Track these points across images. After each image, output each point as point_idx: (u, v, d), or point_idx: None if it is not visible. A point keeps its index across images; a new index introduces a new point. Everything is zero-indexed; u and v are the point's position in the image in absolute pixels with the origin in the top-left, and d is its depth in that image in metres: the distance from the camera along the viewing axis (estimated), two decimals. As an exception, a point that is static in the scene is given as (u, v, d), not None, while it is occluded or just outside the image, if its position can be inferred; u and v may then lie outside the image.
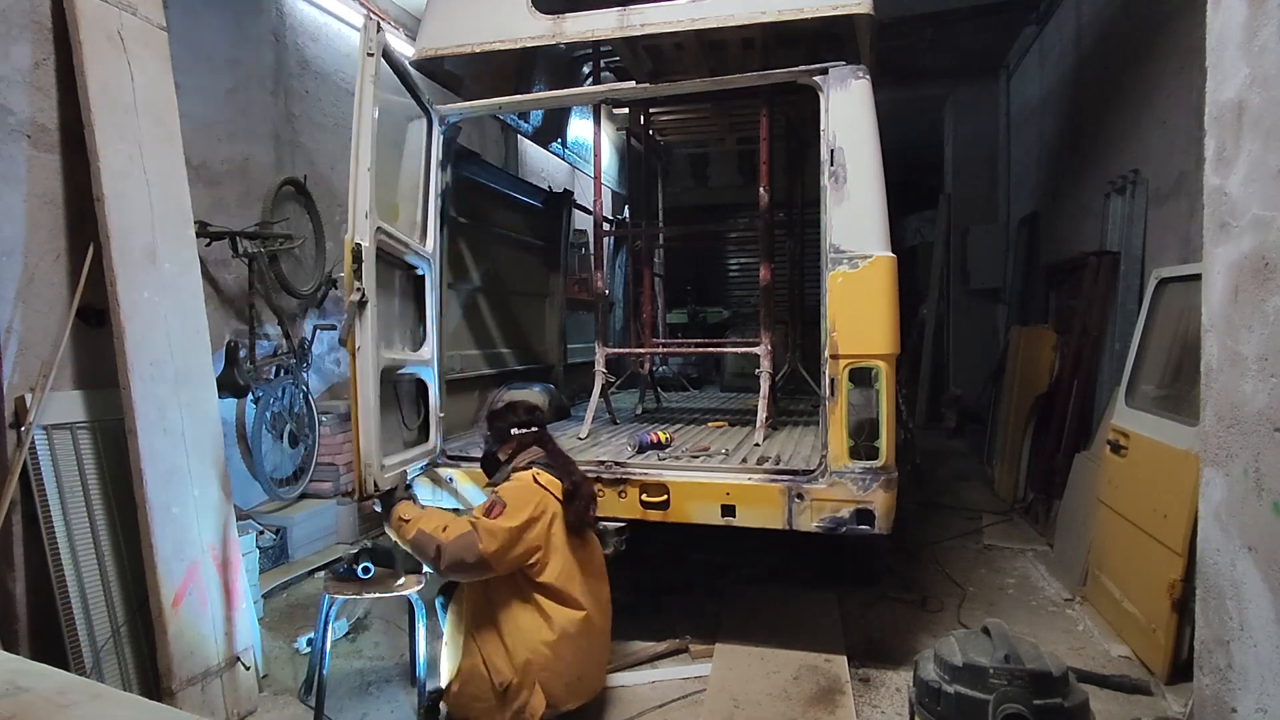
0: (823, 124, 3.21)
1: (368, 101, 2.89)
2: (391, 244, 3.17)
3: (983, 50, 8.36)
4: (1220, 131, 2.08)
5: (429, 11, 3.92)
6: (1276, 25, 1.84)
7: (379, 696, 3.16)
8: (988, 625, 2.29)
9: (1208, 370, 2.14)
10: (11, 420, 2.68)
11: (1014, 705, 2.00)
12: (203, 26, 4.32)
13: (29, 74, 2.80)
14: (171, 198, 3.11)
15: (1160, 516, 3.22)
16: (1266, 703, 1.85)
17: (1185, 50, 3.94)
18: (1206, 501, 2.13)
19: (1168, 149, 4.33)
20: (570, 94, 4.72)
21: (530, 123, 5.67)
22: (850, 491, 3.10)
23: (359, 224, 2.83)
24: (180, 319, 3.07)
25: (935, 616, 3.86)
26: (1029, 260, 7.49)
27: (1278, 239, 1.83)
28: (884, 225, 3.14)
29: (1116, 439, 3.77)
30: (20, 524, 2.70)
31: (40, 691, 1.35)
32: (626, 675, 3.29)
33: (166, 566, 2.82)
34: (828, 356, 3.14)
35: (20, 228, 2.75)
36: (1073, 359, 4.98)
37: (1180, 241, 4.12)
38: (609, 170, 6.97)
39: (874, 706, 3.04)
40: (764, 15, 3.37)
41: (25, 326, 2.75)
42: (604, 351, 4.55)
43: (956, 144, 9.50)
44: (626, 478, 3.39)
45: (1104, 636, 3.55)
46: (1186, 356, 3.42)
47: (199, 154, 4.21)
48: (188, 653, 2.85)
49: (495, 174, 5.49)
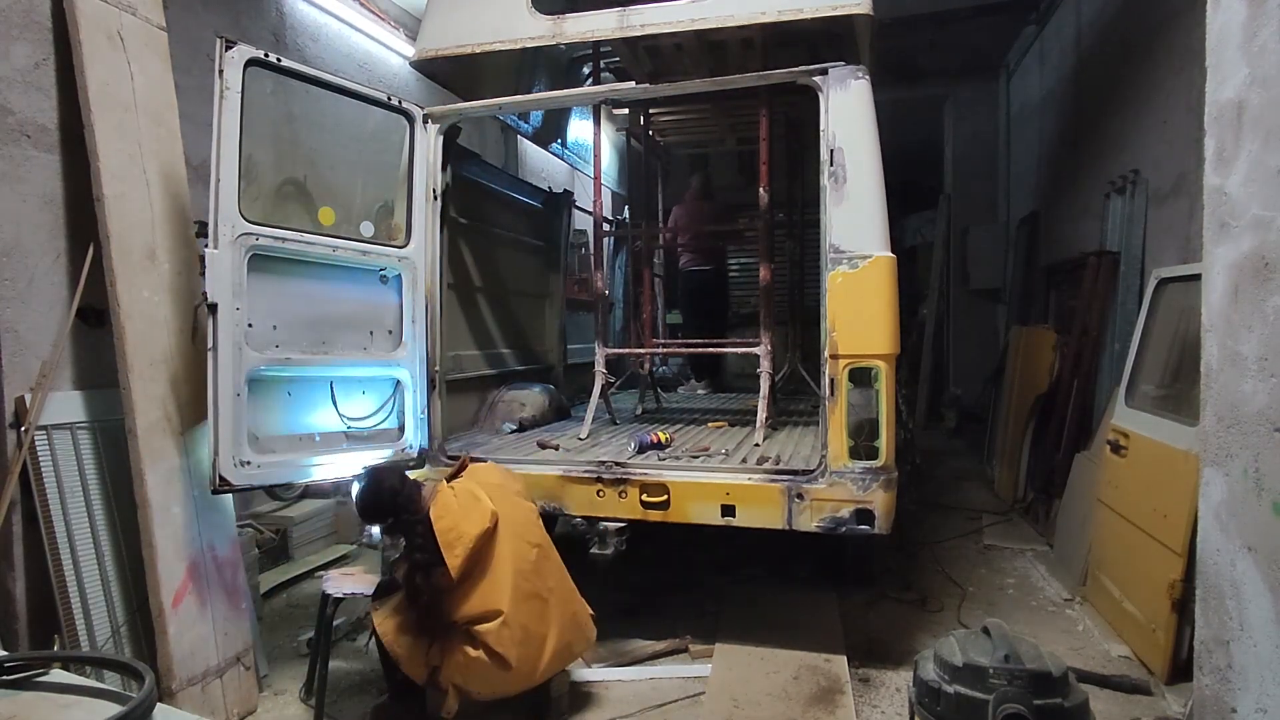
0: (822, 124, 3.21)
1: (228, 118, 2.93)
2: (295, 247, 3.20)
3: (983, 50, 8.37)
4: (1220, 131, 2.08)
5: (429, 12, 3.92)
6: (1276, 25, 1.84)
7: (380, 696, 3.16)
8: (988, 625, 2.29)
9: (1208, 370, 2.14)
10: (11, 420, 2.68)
11: (1014, 705, 2.00)
12: (202, 26, 4.32)
13: (29, 74, 2.80)
14: (171, 198, 3.12)
15: (1160, 516, 3.22)
16: (1266, 703, 1.85)
17: (1185, 50, 3.94)
18: (1206, 501, 2.13)
19: (1168, 149, 4.33)
20: (570, 94, 4.73)
21: (530, 123, 5.67)
22: (850, 491, 3.10)
23: (219, 230, 2.90)
24: (180, 319, 3.07)
25: (935, 616, 3.86)
26: (1029, 260, 7.49)
27: (1278, 239, 1.83)
28: (884, 225, 3.14)
29: (1116, 439, 3.77)
30: (20, 524, 2.70)
31: (40, 691, 1.35)
32: (626, 674, 3.29)
33: (166, 566, 2.83)
34: (827, 356, 3.15)
35: (20, 228, 2.75)
36: (1073, 359, 4.98)
37: (1180, 241, 4.12)
38: (609, 170, 6.98)
39: (874, 706, 3.04)
40: (764, 16, 3.37)
41: (25, 326, 2.75)
42: (604, 352, 4.55)
43: (956, 144, 9.50)
44: (626, 478, 3.39)
45: (1104, 636, 3.55)
46: (1186, 356, 3.42)
47: (199, 154, 4.20)
48: (188, 653, 2.85)
49: (495, 174, 5.49)
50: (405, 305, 3.68)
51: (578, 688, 3.14)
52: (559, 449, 3.90)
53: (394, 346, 3.67)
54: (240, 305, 2.98)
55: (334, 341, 3.42)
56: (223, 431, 2.90)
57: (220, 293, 2.90)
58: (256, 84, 3.06)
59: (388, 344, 3.65)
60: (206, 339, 2.90)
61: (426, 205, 3.74)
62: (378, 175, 3.72)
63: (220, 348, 2.89)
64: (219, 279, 2.90)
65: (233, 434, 2.93)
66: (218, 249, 2.90)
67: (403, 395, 3.69)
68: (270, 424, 3.19)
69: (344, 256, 3.40)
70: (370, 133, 3.64)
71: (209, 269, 2.91)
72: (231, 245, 2.94)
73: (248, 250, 3.00)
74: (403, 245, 3.66)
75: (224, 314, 2.90)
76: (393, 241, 3.65)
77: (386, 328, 3.65)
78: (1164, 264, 4.08)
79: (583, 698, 3.10)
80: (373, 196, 3.68)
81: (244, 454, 2.99)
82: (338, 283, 3.43)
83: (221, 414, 2.89)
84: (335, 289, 3.43)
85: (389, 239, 3.65)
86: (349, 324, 3.50)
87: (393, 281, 3.66)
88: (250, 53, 3.00)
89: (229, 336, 2.92)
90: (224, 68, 2.91)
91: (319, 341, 3.37)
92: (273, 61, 3.11)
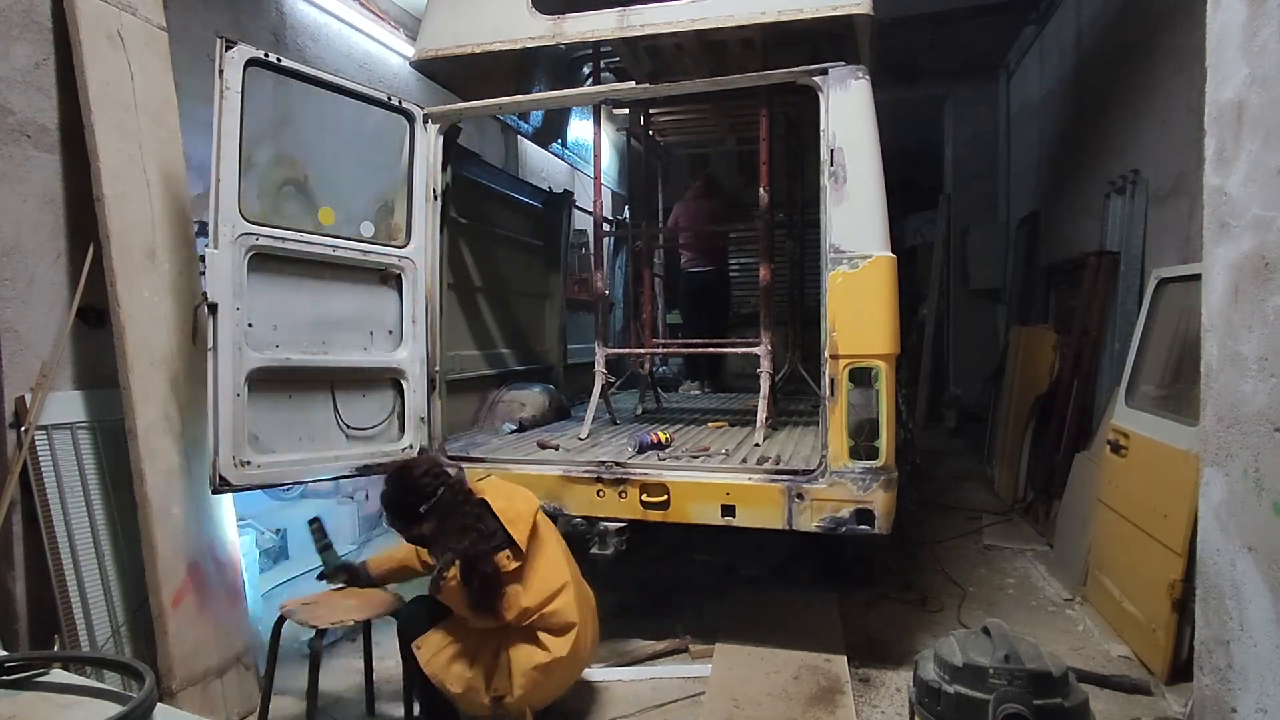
0: (822, 124, 3.21)
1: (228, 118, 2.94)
2: (295, 247, 3.20)
3: (983, 50, 8.36)
4: (1220, 131, 2.08)
5: (429, 12, 3.92)
6: (1276, 25, 1.84)
7: (380, 696, 3.16)
8: (988, 625, 2.29)
9: (1208, 370, 2.14)
10: (11, 420, 2.68)
11: (1014, 705, 2.00)
12: (203, 26, 4.31)
13: (29, 74, 2.80)
14: (171, 198, 3.12)
15: (1160, 516, 3.22)
16: (1266, 703, 1.85)
17: (1185, 50, 3.94)
18: (1206, 501, 2.13)
19: (1168, 149, 4.33)
20: (570, 94, 4.72)
21: (530, 123, 5.67)
22: (850, 491, 3.10)
23: (219, 230, 2.91)
24: (180, 319, 3.07)
25: (935, 616, 3.86)
26: (1029, 260, 7.49)
27: (1278, 239, 1.83)
28: (884, 225, 3.14)
29: (1116, 439, 3.77)
30: (20, 524, 2.70)
31: (40, 691, 1.35)
32: (626, 674, 3.29)
33: (166, 566, 2.83)
34: (828, 356, 3.14)
35: (20, 228, 2.75)
36: (1073, 359, 4.98)
37: (1180, 241, 4.12)
38: (609, 170, 6.98)
39: (874, 706, 3.04)
40: (764, 16, 3.37)
41: (25, 326, 2.75)
42: (604, 352, 4.55)
43: (956, 144, 9.50)
44: (626, 478, 3.39)
45: (1104, 636, 3.55)
46: (1186, 356, 3.42)
47: (199, 154, 4.21)
48: (188, 653, 2.85)
49: (495, 174, 5.49)
50: (405, 305, 3.68)
51: (578, 688, 3.13)
52: (559, 449, 3.90)
53: (394, 346, 3.66)
54: (240, 305, 2.98)
55: (334, 341, 3.42)
56: (223, 431, 2.90)
57: (220, 293, 2.90)
58: (256, 84, 3.06)
59: (388, 344, 3.65)
60: (206, 339, 2.90)
61: (426, 205, 3.74)
62: (378, 175, 3.72)
63: (220, 348, 2.89)
64: (219, 279, 2.91)
65: (233, 434, 2.94)
66: (218, 249, 2.90)
67: (403, 395, 3.69)
68: (270, 424, 3.19)
69: (344, 256, 3.41)
70: (370, 133, 3.64)
71: (209, 269, 2.91)
72: (232, 245, 2.94)
73: (248, 250, 3.01)
74: (403, 245, 3.66)
75: (224, 314, 2.90)
76: (393, 241, 3.66)
77: (386, 328, 3.65)
78: (1164, 264, 4.08)
79: (583, 698, 3.10)
80: (373, 196, 3.68)
81: (244, 454, 2.99)
82: (338, 283, 3.43)
83: (221, 414, 2.90)
84: (335, 289, 3.43)
85: (389, 239, 3.66)
86: (349, 324, 3.50)
87: (393, 281, 3.66)
88: (250, 52, 3.01)
89: (229, 336, 2.92)
90: (224, 68, 2.92)
91: (319, 341, 3.37)
92: (273, 61, 3.11)
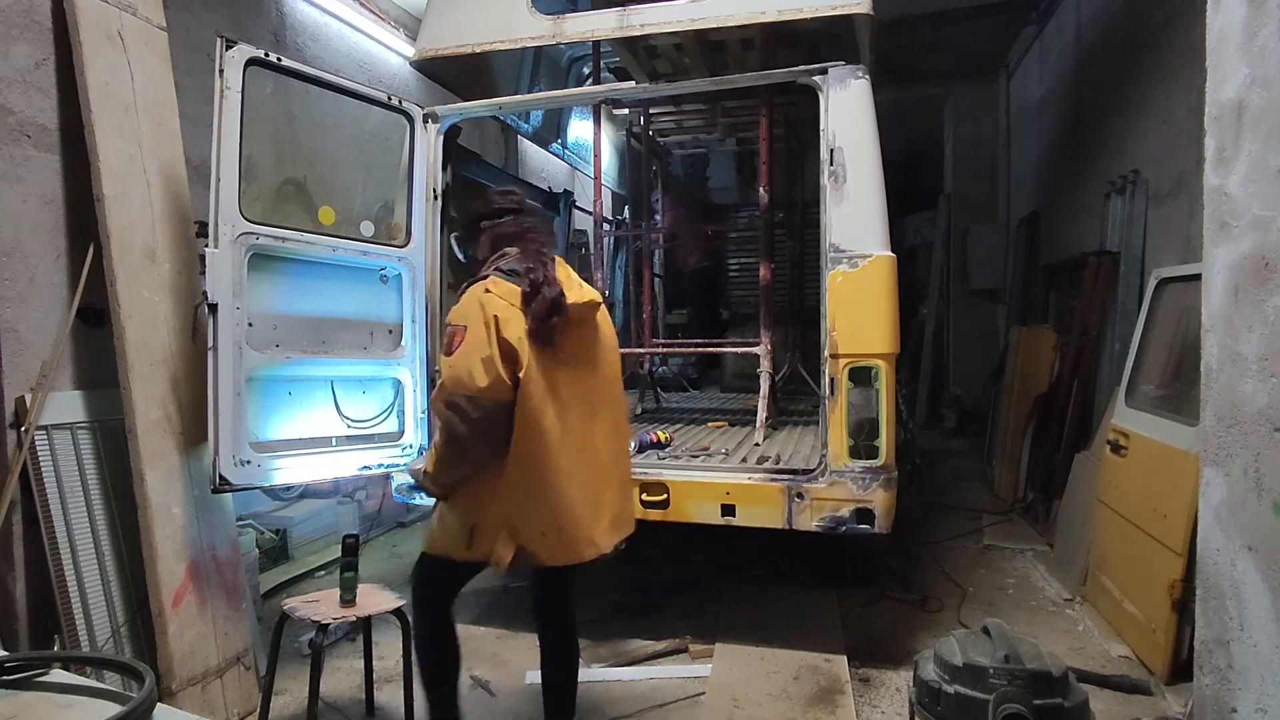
0: (822, 124, 3.21)
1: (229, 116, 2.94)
2: (295, 247, 3.20)
3: (983, 50, 8.36)
4: (1220, 131, 2.08)
5: (429, 11, 3.92)
6: (1276, 25, 1.84)
7: (380, 694, 3.15)
8: (988, 625, 2.29)
9: (1208, 370, 2.14)
10: (11, 420, 2.68)
11: (1014, 705, 2.00)
12: (202, 26, 4.31)
13: (29, 74, 2.80)
14: (171, 198, 3.11)
15: (1160, 516, 3.22)
16: (1266, 703, 1.85)
17: (1185, 50, 3.94)
18: (1206, 501, 2.13)
19: (1168, 149, 4.33)
20: (570, 94, 4.73)
21: (530, 123, 5.67)
22: (850, 491, 3.10)
23: (220, 230, 2.91)
24: (180, 319, 3.07)
25: (935, 616, 3.86)
26: (1029, 260, 7.49)
27: (1278, 239, 1.82)
28: (884, 225, 3.14)
29: (1116, 439, 3.77)
30: (20, 524, 2.70)
31: (40, 691, 1.35)
32: (626, 674, 3.29)
33: (166, 566, 2.82)
34: (827, 356, 3.15)
35: (20, 228, 2.75)
36: (1073, 359, 4.98)
37: (1180, 241, 4.12)
38: (609, 170, 6.98)
39: (874, 706, 3.03)
40: (764, 15, 3.37)
41: (25, 326, 2.75)
42: (604, 351, 4.54)
43: (956, 144, 9.50)
44: (626, 478, 3.39)
45: (1104, 636, 3.55)
46: (1186, 356, 3.42)
47: (199, 154, 4.21)
48: (188, 653, 2.85)
49: (495, 174, 5.48)
50: (405, 305, 3.69)
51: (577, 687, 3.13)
52: (559, 449, 3.89)
53: (394, 346, 3.67)
54: (240, 305, 2.98)
55: (334, 341, 3.43)
56: (223, 431, 2.90)
57: (221, 292, 2.90)
58: (256, 84, 3.06)
59: (388, 344, 3.66)
60: (207, 339, 2.90)
61: (426, 205, 3.74)
62: (378, 175, 3.72)
63: (220, 347, 2.89)
64: (219, 279, 2.91)
65: (233, 434, 2.93)
66: (218, 249, 2.91)
67: (403, 395, 3.70)
68: (270, 424, 3.19)
69: (344, 256, 3.41)
70: (370, 132, 3.64)
71: (209, 269, 2.91)
72: (232, 245, 2.94)
73: (248, 250, 3.01)
74: (403, 245, 3.67)
75: (224, 314, 2.90)
76: (393, 241, 3.66)
77: (386, 328, 3.66)
78: (1164, 264, 4.08)
79: (582, 698, 3.09)
80: (373, 196, 3.68)
81: (244, 454, 3.00)
82: (338, 282, 3.44)
83: (221, 414, 2.90)
84: (335, 289, 3.43)
85: (389, 239, 3.66)
86: (349, 324, 3.51)
87: (393, 281, 3.67)
88: (250, 52, 3.01)
89: (229, 336, 2.92)
90: (224, 67, 2.92)
91: (319, 341, 3.37)
92: (273, 61, 3.11)
